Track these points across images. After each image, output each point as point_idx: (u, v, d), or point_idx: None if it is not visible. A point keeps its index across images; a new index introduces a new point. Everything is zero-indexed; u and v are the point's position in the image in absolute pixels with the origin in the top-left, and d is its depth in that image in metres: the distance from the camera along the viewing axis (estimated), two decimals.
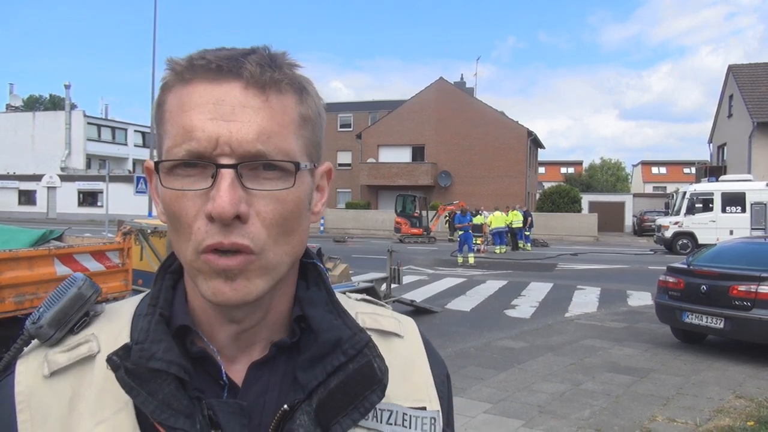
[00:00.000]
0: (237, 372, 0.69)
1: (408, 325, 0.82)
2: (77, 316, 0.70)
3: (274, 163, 0.63)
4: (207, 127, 0.62)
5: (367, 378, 0.67)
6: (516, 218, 24.28)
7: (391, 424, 0.71)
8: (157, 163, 0.64)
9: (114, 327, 0.71)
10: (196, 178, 0.63)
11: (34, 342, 0.70)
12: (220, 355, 0.69)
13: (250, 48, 0.67)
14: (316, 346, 0.68)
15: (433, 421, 0.74)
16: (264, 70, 0.64)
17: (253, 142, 0.62)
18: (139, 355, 0.63)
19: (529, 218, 25.69)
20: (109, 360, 0.64)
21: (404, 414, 0.72)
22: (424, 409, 0.74)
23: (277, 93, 0.65)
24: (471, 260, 18.35)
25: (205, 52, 0.65)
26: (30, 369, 0.68)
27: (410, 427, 0.72)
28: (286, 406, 0.66)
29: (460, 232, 19.20)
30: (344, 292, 0.85)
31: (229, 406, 0.66)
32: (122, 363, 0.63)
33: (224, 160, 0.62)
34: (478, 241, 23.34)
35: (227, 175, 0.61)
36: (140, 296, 0.77)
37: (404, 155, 38.41)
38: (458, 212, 20.51)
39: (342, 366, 0.67)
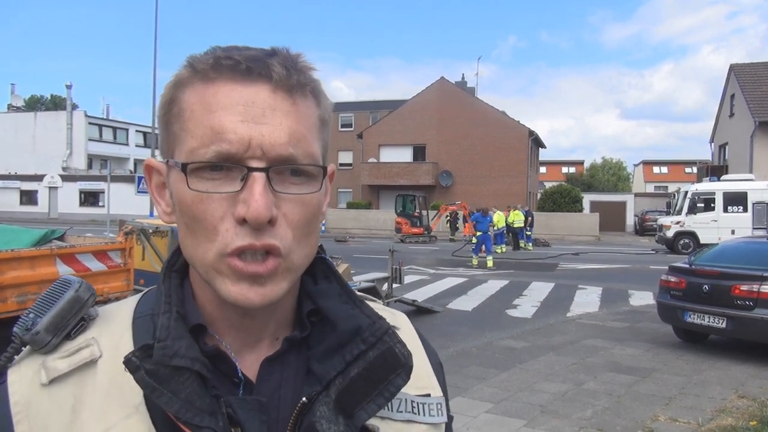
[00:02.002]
0: (247, 369, 0.69)
1: (401, 318, 0.84)
2: (74, 321, 0.68)
3: (302, 168, 0.64)
4: (239, 129, 0.61)
5: (389, 363, 0.67)
6: (517, 218, 24.27)
7: (401, 411, 0.72)
8: (184, 165, 0.63)
9: (114, 330, 0.69)
10: (221, 181, 0.62)
11: (26, 349, 0.68)
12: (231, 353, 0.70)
13: (270, 49, 0.66)
14: (333, 337, 0.69)
15: (439, 406, 0.76)
16: (290, 73, 0.64)
17: (285, 145, 0.62)
18: (163, 353, 0.61)
19: (530, 218, 25.68)
20: (128, 362, 0.61)
21: (412, 402, 0.74)
22: (428, 395, 0.76)
23: (302, 96, 0.65)
24: (474, 261, 17.89)
25: (229, 51, 0.64)
26: (25, 378, 0.66)
27: (419, 414, 0.74)
28: (304, 398, 0.66)
29: (479, 233, 18.03)
30: None
31: (247, 402, 0.66)
32: (142, 364, 0.61)
33: (255, 163, 0.61)
34: None
35: (260, 178, 0.61)
36: (135, 298, 0.75)
37: (405, 155, 38.41)
38: (477, 212, 19.30)
39: (361, 354, 0.67)
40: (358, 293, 0.86)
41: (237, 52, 0.64)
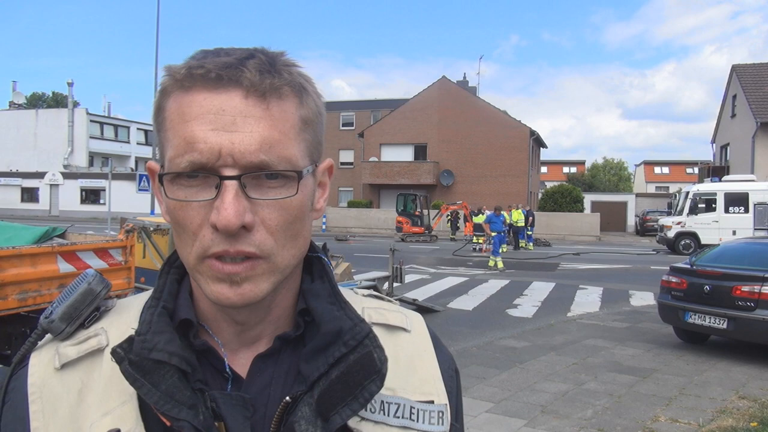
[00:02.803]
0: (242, 365, 0.70)
1: (415, 320, 0.83)
2: (88, 311, 0.72)
3: (277, 173, 0.64)
4: (209, 139, 0.62)
5: (366, 368, 0.67)
6: (519, 218, 24.27)
7: (398, 417, 0.71)
8: (161, 176, 0.65)
9: (123, 321, 0.73)
10: (199, 189, 0.63)
11: (47, 336, 0.72)
12: (225, 348, 0.70)
13: (248, 51, 0.66)
14: (319, 338, 0.69)
15: (440, 414, 0.74)
16: (264, 77, 0.63)
17: (256, 152, 0.62)
18: (141, 347, 0.64)
19: (531, 218, 25.67)
20: (114, 352, 0.65)
21: (411, 407, 0.72)
22: (431, 402, 0.74)
23: (278, 99, 0.64)
24: (500, 264, 16.74)
25: (203, 59, 0.64)
26: (42, 362, 0.70)
27: (418, 421, 0.72)
28: (288, 398, 0.67)
29: (493, 233, 17.29)
30: (352, 289, 0.86)
31: (232, 398, 0.67)
32: (126, 355, 0.64)
33: (227, 172, 0.62)
34: (480, 241, 23.33)
35: (231, 186, 0.62)
36: (150, 292, 0.78)
37: (406, 154, 38.40)
38: (491, 212, 18.62)
39: (343, 357, 0.67)
40: (374, 291, 0.86)
41: (212, 59, 0.64)
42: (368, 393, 0.67)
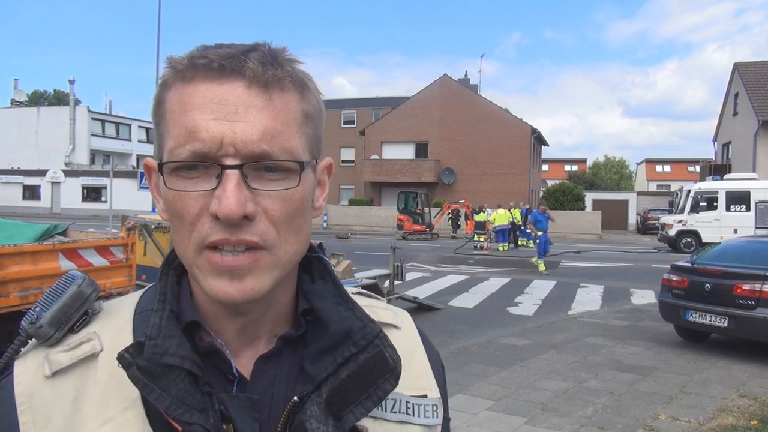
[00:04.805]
0: (243, 366, 0.70)
1: (404, 317, 0.83)
2: (77, 315, 0.69)
3: (279, 163, 0.63)
4: (211, 128, 0.61)
5: (379, 367, 0.68)
6: (517, 216, 24.30)
7: (395, 412, 0.72)
8: (160, 165, 0.64)
9: (115, 325, 0.71)
10: (199, 179, 0.63)
11: (32, 342, 0.69)
12: (227, 349, 0.70)
13: (250, 45, 0.66)
14: (326, 338, 0.69)
15: (435, 408, 0.75)
16: (266, 68, 0.63)
17: (258, 142, 0.62)
18: (153, 351, 0.63)
19: (531, 216, 25.65)
20: (121, 358, 0.63)
21: (407, 402, 0.73)
22: (425, 397, 0.75)
23: (280, 91, 0.64)
24: (541, 267, 15.74)
25: (205, 50, 0.65)
26: (29, 369, 0.67)
27: (414, 415, 0.73)
28: (296, 397, 0.66)
29: (539, 232, 16.05)
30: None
31: (239, 400, 0.66)
32: (134, 360, 0.62)
33: (229, 161, 0.61)
34: (481, 239, 23.34)
35: (233, 176, 0.61)
36: (138, 293, 0.76)
37: (408, 152, 38.37)
38: (535, 211, 17.43)
39: (352, 357, 0.67)
40: (363, 289, 0.85)
41: (214, 50, 0.64)
42: (382, 392, 0.67)
